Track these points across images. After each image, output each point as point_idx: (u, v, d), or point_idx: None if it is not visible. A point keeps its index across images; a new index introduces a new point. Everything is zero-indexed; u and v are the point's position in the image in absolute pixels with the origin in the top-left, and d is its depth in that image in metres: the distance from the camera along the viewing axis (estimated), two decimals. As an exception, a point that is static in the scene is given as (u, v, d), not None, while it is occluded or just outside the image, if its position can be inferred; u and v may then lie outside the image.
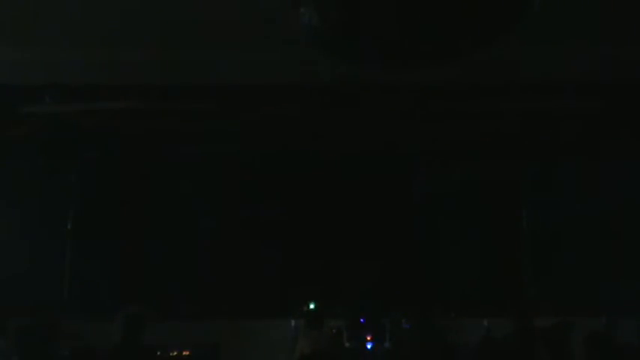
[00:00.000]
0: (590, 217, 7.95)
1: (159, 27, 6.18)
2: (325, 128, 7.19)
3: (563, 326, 6.01)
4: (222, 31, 6.20)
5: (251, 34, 6.20)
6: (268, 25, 5.80)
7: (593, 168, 7.99)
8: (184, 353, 7.02)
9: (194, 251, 7.88)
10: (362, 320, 7.36)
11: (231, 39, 6.36)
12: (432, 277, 8.11)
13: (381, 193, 8.16)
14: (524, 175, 8.25)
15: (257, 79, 6.78)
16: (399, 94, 6.93)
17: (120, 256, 7.80)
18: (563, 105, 7.06)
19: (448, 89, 6.95)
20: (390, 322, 7.40)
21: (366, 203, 8.12)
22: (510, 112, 7.17)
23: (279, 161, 8.02)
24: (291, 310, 7.46)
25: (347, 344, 7.16)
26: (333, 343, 6.82)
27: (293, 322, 7.46)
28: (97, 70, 6.71)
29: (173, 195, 7.96)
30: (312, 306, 7.16)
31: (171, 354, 6.96)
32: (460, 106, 7.15)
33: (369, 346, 7.28)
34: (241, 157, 7.85)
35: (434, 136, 7.41)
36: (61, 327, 6.80)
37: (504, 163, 8.07)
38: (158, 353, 6.67)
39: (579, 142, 7.57)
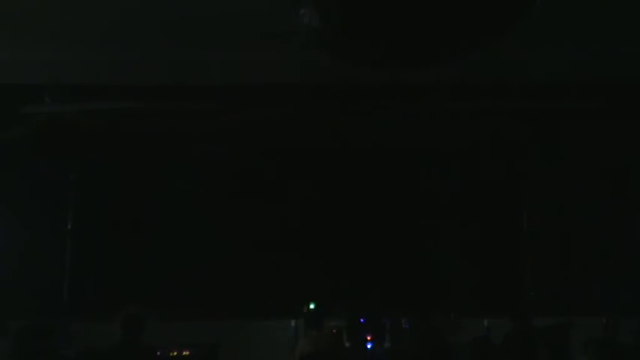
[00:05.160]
0: (590, 217, 7.95)
1: (158, 27, 6.20)
2: (325, 128, 7.19)
3: (563, 326, 6.01)
4: (221, 31, 6.21)
5: (251, 34, 6.21)
6: (268, 25, 5.81)
7: (593, 168, 7.98)
8: (184, 353, 7.01)
9: (194, 251, 7.87)
10: (362, 320, 7.34)
11: (231, 39, 6.37)
12: (432, 277, 8.10)
13: (380, 193, 8.15)
14: (524, 175, 8.24)
15: (257, 79, 6.79)
16: (399, 94, 6.94)
17: (120, 256, 7.79)
18: (563, 105, 7.07)
19: (448, 89, 6.96)
20: (390, 322, 7.38)
21: (366, 203, 8.11)
22: (510, 112, 7.17)
23: (279, 161, 8.01)
24: (291, 310, 7.46)
25: (347, 344, 7.14)
26: (333, 343, 6.81)
27: (293, 322, 7.45)
28: (97, 70, 6.73)
29: (173, 195, 7.95)
30: (312, 306, 7.16)
31: (171, 354, 6.95)
32: (460, 106, 7.15)
33: (369, 346, 7.27)
34: (241, 157, 7.85)
35: (434, 136, 7.41)
36: (61, 327, 6.81)
37: (504, 163, 8.06)
38: (158, 353, 6.65)
39: (579, 142, 7.57)
